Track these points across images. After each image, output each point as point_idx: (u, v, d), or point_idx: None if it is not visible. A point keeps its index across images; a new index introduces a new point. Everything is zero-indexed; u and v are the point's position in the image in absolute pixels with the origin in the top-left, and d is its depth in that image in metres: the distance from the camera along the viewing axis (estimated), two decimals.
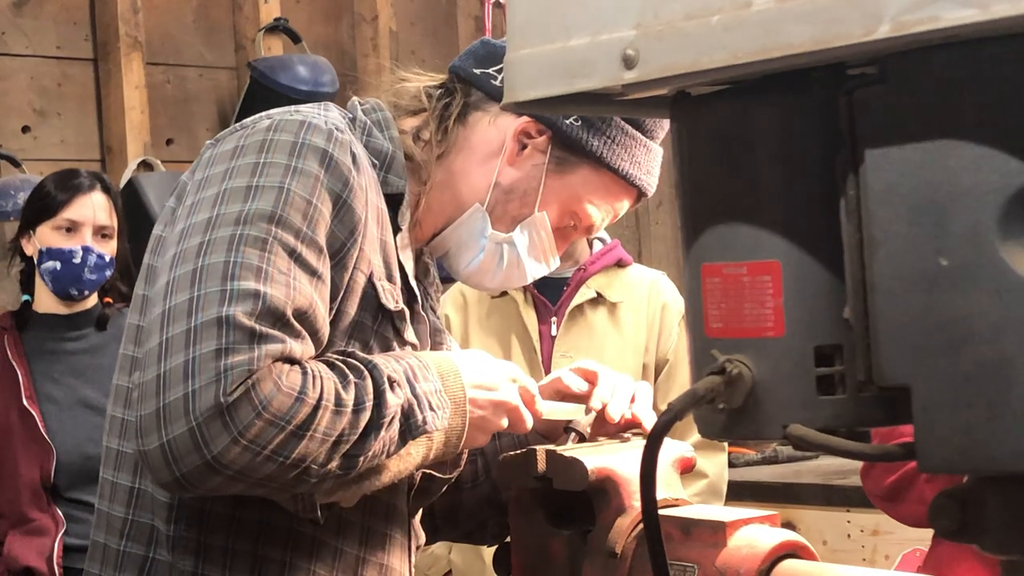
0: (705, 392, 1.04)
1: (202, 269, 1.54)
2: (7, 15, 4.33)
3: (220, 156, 1.67)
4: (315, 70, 4.79)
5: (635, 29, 1.03)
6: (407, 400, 1.62)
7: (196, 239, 1.58)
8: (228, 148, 1.68)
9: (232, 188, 1.61)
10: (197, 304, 1.51)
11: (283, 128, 1.66)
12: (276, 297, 1.53)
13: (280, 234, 1.57)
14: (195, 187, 1.67)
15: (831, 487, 4.17)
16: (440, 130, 1.82)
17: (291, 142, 1.64)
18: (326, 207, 1.62)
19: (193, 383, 1.47)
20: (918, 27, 0.90)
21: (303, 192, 1.61)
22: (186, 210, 1.64)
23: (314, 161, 1.63)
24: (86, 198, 3.35)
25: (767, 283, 1.03)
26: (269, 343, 1.50)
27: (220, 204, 1.60)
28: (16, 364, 3.32)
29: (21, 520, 3.25)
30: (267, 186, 1.60)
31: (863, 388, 1.01)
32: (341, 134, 1.68)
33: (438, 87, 1.86)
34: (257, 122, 1.71)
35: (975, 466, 0.95)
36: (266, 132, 1.67)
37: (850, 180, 1.00)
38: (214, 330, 1.49)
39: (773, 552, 1.57)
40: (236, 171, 1.63)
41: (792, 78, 1.02)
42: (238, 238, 1.56)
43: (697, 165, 1.09)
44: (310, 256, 1.59)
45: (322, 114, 1.72)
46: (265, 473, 1.50)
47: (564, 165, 1.82)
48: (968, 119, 0.94)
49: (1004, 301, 0.92)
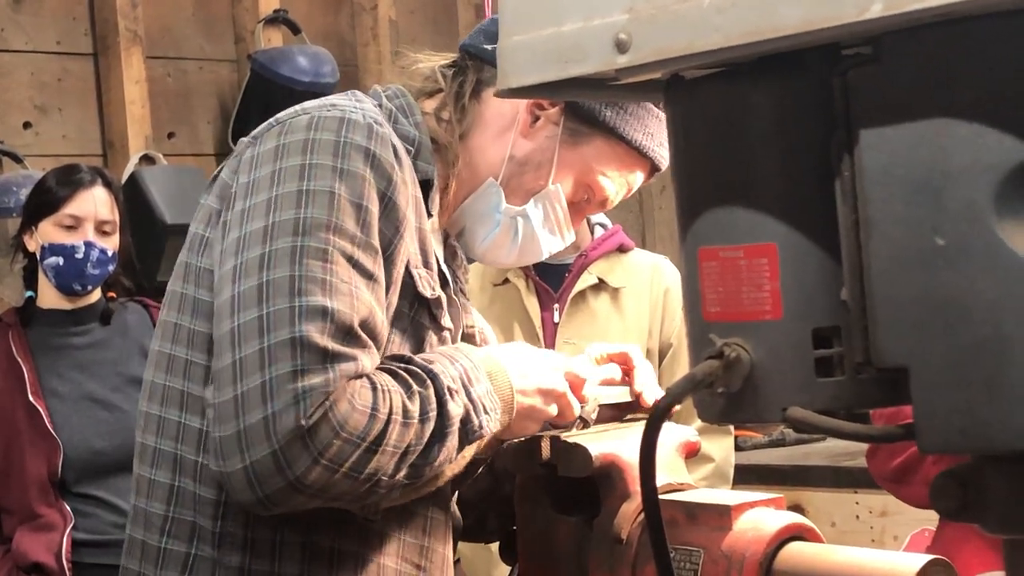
0: (704, 376, 1.04)
1: (268, 284, 1.55)
2: (6, 11, 4.32)
3: (263, 157, 1.67)
4: (316, 61, 4.78)
5: (627, 13, 1.03)
6: (465, 407, 1.64)
7: (256, 250, 1.59)
8: (270, 147, 1.68)
9: (283, 194, 1.61)
10: (268, 323, 1.53)
11: (324, 126, 1.66)
12: (343, 312, 1.55)
13: (338, 242, 1.59)
14: (243, 191, 1.66)
15: (839, 469, 4.17)
16: (458, 109, 1.83)
17: (334, 141, 1.64)
18: (375, 207, 1.63)
19: (272, 406, 1.50)
20: (911, 5, 0.89)
21: (353, 195, 1.61)
22: (238, 216, 1.64)
23: (359, 161, 1.64)
24: (87, 193, 3.35)
25: (764, 266, 1.03)
26: (342, 362, 1.53)
27: (274, 211, 1.60)
28: (21, 360, 3.32)
29: (29, 516, 3.26)
30: (318, 190, 1.61)
31: (861, 369, 1.01)
32: (380, 128, 1.68)
33: (450, 66, 1.87)
34: (295, 117, 1.70)
35: (975, 445, 0.95)
36: (307, 130, 1.66)
37: (845, 161, 1.00)
38: (287, 351, 1.51)
39: (779, 535, 1.57)
40: (284, 175, 1.63)
41: (786, 59, 1.02)
42: (300, 250, 1.57)
43: (692, 149, 1.09)
44: (366, 260, 1.61)
45: (358, 108, 1.72)
46: (342, 489, 1.54)
47: (577, 136, 1.83)
48: (962, 98, 0.93)
49: (1001, 279, 0.92)
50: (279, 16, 4.88)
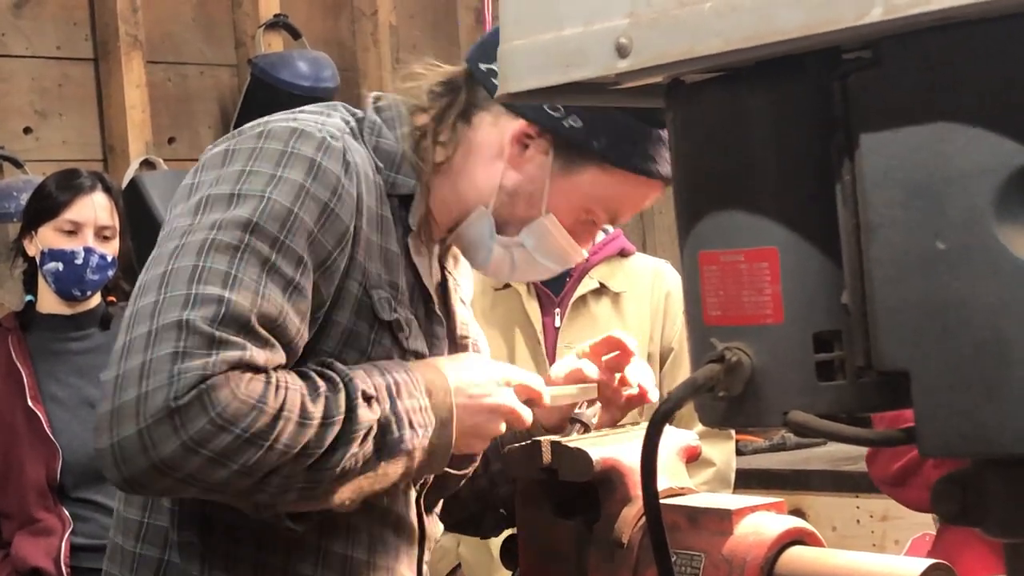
0: (705, 380, 1.04)
1: (171, 272, 1.54)
2: (7, 16, 4.33)
3: (210, 162, 1.68)
4: (316, 66, 4.79)
5: (628, 17, 1.03)
6: (384, 416, 1.60)
7: (172, 243, 1.58)
8: (218, 152, 1.68)
9: (215, 195, 1.61)
10: (160, 307, 1.51)
11: (273, 136, 1.66)
12: (240, 304, 1.52)
13: (254, 242, 1.56)
14: (184, 192, 1.67)
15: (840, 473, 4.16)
16: (444, 128, 1.78)
17: (279, 151, 1.64)
18: (309, 216, 1.61)
19: (146, 385, 1.47)
20: (910, 9, 0.89)
21: (284, 200, 1.59)
22: (171, 216, 1.65)
23: (300, 170, 1.62)
24: (87, 199, 3.35)
25: (765, 270, 1.03)
26: (227, 349, 1.49)
27: (201, 211, 1.60)
28: (21, 365, 3.32)
29: (28, 520, 3.26)
30: (248, 194, 1.60)
31: (862, 373, 1.01)
32: (334, 141, 1.66)
33: (444, 83, 1.82)
34: (253, 128, 1.70)
35: (975, 449, 0.95)
36: (256, 139, 1.66)
37: (845, 165, 1.00)
38: (173, 333, 1.49)
39: (780, 539, 1.57)
40: (222, 179, 1.63)
41: (786, 64, 1.02)
42: (209, 243, 1.55)
43: (693, 153, 1.09)
44: (286, 266, 1.58)
45: (320, 120, 1.71)
46: (218, 479, 1.50)
47: (570, 167, 1.76)
48: (962, 102, 0.93)
49: (1002, 283, 0.92)
50: (279, 21, 4.88)
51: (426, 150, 1.77)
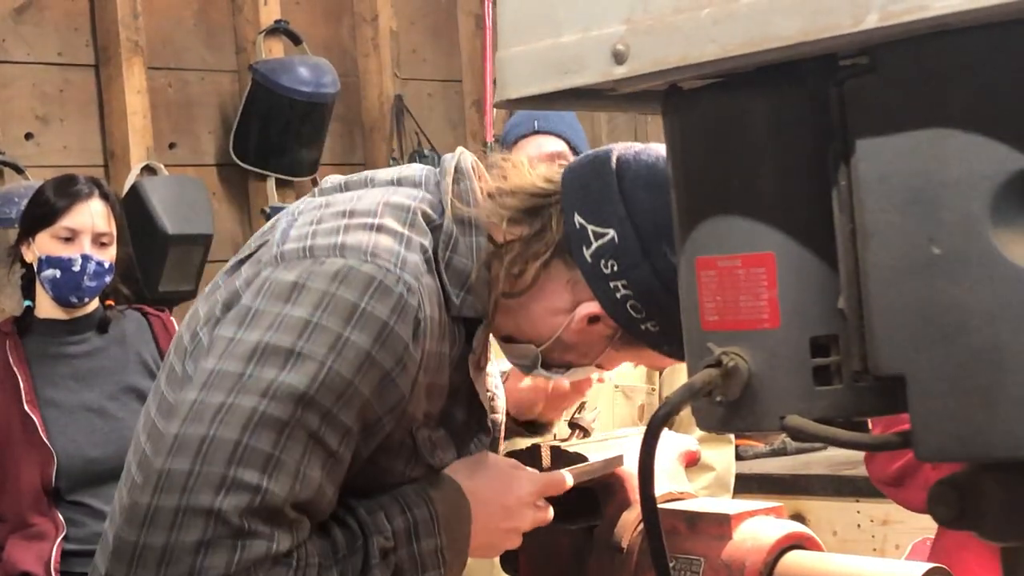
0: (702, 385, 1.04)
1: (211, 440, 1.46)
2: (8, 22, 4.33)
3: (277, 288, 1.54)
4: (316, 71, 4.79)
5: (625, 24, 1.04)
6: (400, 562, 1.58)
7: (219, 396, 1.49)
8: (288, 281, 1.54)
9: (273, 345, 1.50)
10: (194, 483, 1.45)
11: (350, 281, 1.52)
12: (275, 494, 1.46)
13: (304, 416, 1.48)
14: (241, 316, 1.54)
15: (840, 478, 4.17)
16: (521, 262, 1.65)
17: (352, 304, 1.51)
18: (367, 386, 1.51)
19: (165, 571, 1.44)
20: (906, 16, 0.90)
21: (345, 371, 1.49)
22: (223, 343, 1.53)
23: (369, 334, 1.50)
24: (84, 206, 3.35)
25: (762, 275, 1.04)
26: (254, 542, 1.44)
27: (256, 361, 1.49)
28: (17, 369, 3.32)
29: (22, 525, 3.26)
30: (309, 357, 1.49)
31: (859, 378, 1.02)
32: (410, 297, 1.53)
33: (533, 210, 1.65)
34: (328, 256, 1.55)
35: (972, 453, 0.95)
36: (331, 280, 1.52)
37: (842, 171, 1.00)
38: (201, 520, 1.44)
39: (779, 544, 1.57)
40: (284, 323, 1.51)
41: (783, 70, 1.03)
42: (259, 417, 1.47)
43: (689, 159, 1.09)
44: (331, 438, 1.50)
45: (400, 257, 1.56)
46: None
47: (631, 344, 1.68)
48: (958, 108, 0.94)
49: (997, 288, 0.92)
50: (280, 27, 4.89)
51: (497, 278, 1.65)
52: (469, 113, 5.65)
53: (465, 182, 1.67)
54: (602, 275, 1.61)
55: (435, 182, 1.68)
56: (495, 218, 1.64)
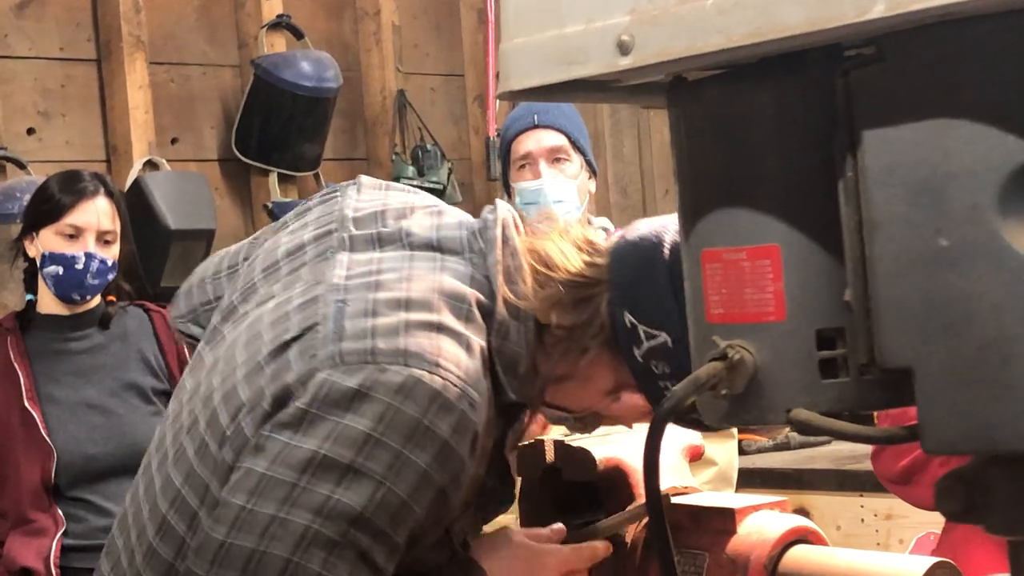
0: (707, 378, 1.03)
1: (261, 556, 1.45)
2: (9, 17, 4.32)
3: (337, 394, 1.49)
4: (319, 66, 4.79)
5: (630, 15, 1.03)
6: None
7: (270, 507, 1.46)
8: (349, 388, 1.48)
9: (331, 458, 1.46)
10: None
11: (415, 395, 1.48)
12: None
13: (356, 536, 1.46)
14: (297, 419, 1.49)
15: (844, 472, 4.16)
16: (569, 350, 1.63)
17: (415, 420, 1.47)
18: (421, 504, 1.49)
19: None
20: (912, 5, 0.89)
21: (402, 490, 1.47)
22: (276, 447, 1.48)
23: (429, 453, 1.48)
24: (89, 203, 3.34)
25: (767, 267, 1.03)
26: None
27: (311, 473, 1.46)
28: (18, 365, 3.32)
29: (22, 521, 3.26)
30: (367, 474, 1.46)
31: (866, 371, 1.01)
32: (471, 411, 1.51)
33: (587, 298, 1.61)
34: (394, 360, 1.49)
35: (979, 446, 0.94)
36: (395, 393, 1.47)
37: (848, 162, 0.99)
38: None
39: (783, 538, 1.57)
40: (344, 434, 1.47)
41: (788, 60, 1.02)
42: (311, 535, 1.45)
43: (694, 151, 1.09)
44: (379, 555, 1.49)
45: (463, 365, 1.52)
46: None
47: None
48: (965, 98, 0.93)
49: (1005, 280, 0.91)
50: (282, 21, 4.88)
51: (540, 362, 1.63)
52: (471, 108, 5.65)
53: (514, 255, 1.63)
54: (652, 375, 1.57)
55: (478, 249, 1.63)
56: (544, 308, 1.61)
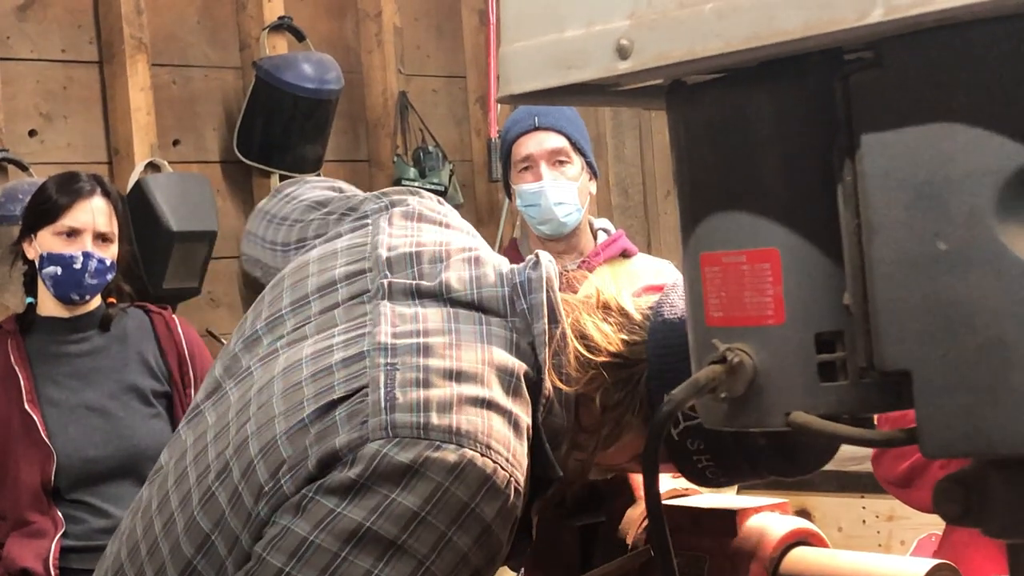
0: (706, 381, 1.04)
1: None
2: (11, 19, 4.33)
3: (389, 469, 1.47)
4: (320, 68, 4.79)
5: (629, 19, 1.03)
6: None
7: (310, 574, 1.45)
8: (402, 464, 1.46)
9: (377, 532, 1.45)
10: None
11: (466, 477, 1.46)
12: None
13: None
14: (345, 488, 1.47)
15: (846, 473, 4.16)
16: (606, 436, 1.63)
17: (463, 504, 1.46)
18: None
19: None
20: (911, 10, 0.89)
21: (440, 572, 1.46)
22: (321, 512, 1.47)
23: (471, 536, 1.46)
24: (87, 203, 3.35)
25: (766, 271, 1.03)
26: None
27: (355, 545, 1.45)
28: (18, 368, 3.33)
29: (21, 523, 3.27)
30: (410, 553, 1.45)
31: (865, 374, 1.01)
32: (516, 497, 1.50)
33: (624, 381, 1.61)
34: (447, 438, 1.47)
35: (977, 450, 0.95)
36: (448, 473, 1.46)
37: (847, 165, 1.00)
38: None
39: (784, 540, 1.57)
40: (393, 510, 1.45)
41: (787, 64, 1.02)
42: None
43: (694, 154, 1.09)
44: None
45: (512, 448, 1.51)
46: None
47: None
48: (964, 102, 0.93)
49: (1003, 283, 0.92)
50: (284, 23, 4.89)
51: (583, 439, 1.63)
52: (473, 109, 5.65)
53: (557, 334, 1.60)
54: (687, 451, 1.57)
55: (521, 311, 1.61)
56: (589, 390, 1.60)
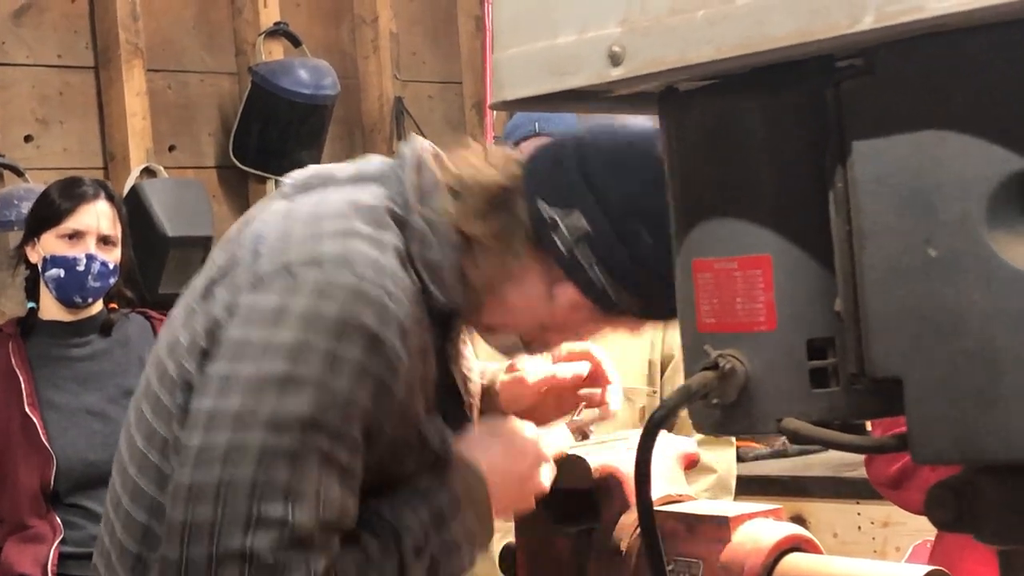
0: (698, 388, 1.04)
1: (227, 484, 1.47)
2: (7, 24, 4.33)
3: (261, 316, 1.53)
4: (316, 73, 4.79)
5: (621, 25, 1.03)
6: (434, 557, 1.59)
7: (224, 434, 1.49)
8: (271, 307, 1.53)
9: (268, 375, 1.49)
10: (220, 527, 1.46)
11: (331, 294, 1.51)
12: (302, 523, 1.47)
13: (313, 440, 1.48)
14: (232, 350, 1.53)
15: (840, 480, 4.16)
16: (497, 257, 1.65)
17: (337, 318, 1.50)
18: (366, 397, 1.51)
19: None
20: (902, 17, 0.90)
21: (342, 387, 1.49)
22: (217, 381, 1.53)
23: (359, 346, 1.50)
24: (90, 206, 3.36)
25: (758, 277, 1.03)
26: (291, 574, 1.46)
27: (254, 394, 1.49)
28: (19, 371, 3.33)
29: (20, 527, 3.26)
30: (305, 380, 1.49)
31: (856, 380, 1.01)
32: (393, 306, 1.53)
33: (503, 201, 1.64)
34: (306, 269, 1.54)
35: (968, 456, 0.95)
36: (313, 296, 1.51)
37: (838, 172, 1.00)
38: (235, 564, 1.45)
39: (778, 546, 1.57)
40: (275, 349, 1.50)
41: (779, 71, 1.02)
42: (267, 450, 1.47)
43: (686, 161, 1.09)
44: (343, 454, 1.50)
45: (377, 263, 1.55)
46: None
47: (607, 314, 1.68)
48: (954, 109, 0.94)
49: (993, 290, 0.92)
50: (280, 29, 4.88)
51: (469, 270, 1.65)
52: (469, 115, 5.65)
53: (427, 174, 1.66)
54: (579, 265, 1.60)
55: (396, 176, 1.67)
56: (462, 216, 1.63)
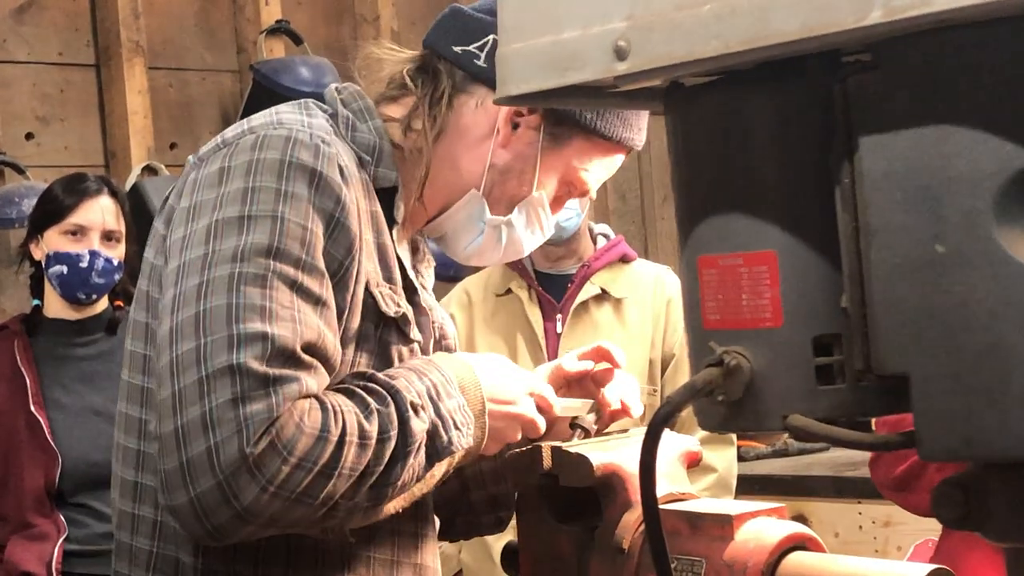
0: (704, 384, 1.03)
1: (205, 313, 1.52)
2: (8, 22, 4.33)
3: (208, 179, 1.64)
4: (317, 71, 4.79)
5: (626, 20, 1.03)
6: (432, 422, 1.61)
7: (194, 279, 1.55)
8: (214, 170, 1.64)
9: (224, 219, 1.58)
10: (205, 352, 1.50)
11: (269, 145, 1.63)
12: (283, 336, 1.51)
13: (279, 267, 1.55)
14: (184, 216, 1.63)
15: (842, 479, 4.16)
16: (430, 117, 1.77)
17: (278, 161, 1.61)
18: (320, 229, 1.60)
19: (215, 436, 1.46)
20: (910, 12, 0.89)
21: (297, 218, 1.58)
22: (179, 243, 1.61)
23: (303, 183, 1.60)
24: (93, 202, 3.36)
25: (764, 274, 1.03)
26: (285, 385, 1.49)
27: (214, 238, 1.57)
28: (25, 370, 3.32)
29: (24, 525, 3.26)
30: (260, 215, 1.57)
31: (862, 377, 1.01)
32: (327, 147, 1.64)
33: (418, 68, 1.81)
34: (241, 138, 1.66)
35: (976, 453, 0.94)
36: (252, 151, 1.63)
37: (845, 168, 0.99)
38: (227, 379, 1.48)
39: (781, 545, 1.56)
40: (226, 198, 1.60)
41: (785, 66, 1.02)
42: (237, 277, 1.53)
43: (691, 156, 1.09)
44: (312, 284, 1.57)
45: (305, 122, 1.68)
46: (296, 516, 1.51)
47: (558, 139, 1.79)
48: (962, 104, 0.93)
49: (1001, 286, 0.91)
50: (281, 27, 4.89)
51: (404, 140, 1.77)
52: None
53: (347, 89, 1.80)
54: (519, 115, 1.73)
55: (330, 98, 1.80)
56: (385, 99, 1.79)
